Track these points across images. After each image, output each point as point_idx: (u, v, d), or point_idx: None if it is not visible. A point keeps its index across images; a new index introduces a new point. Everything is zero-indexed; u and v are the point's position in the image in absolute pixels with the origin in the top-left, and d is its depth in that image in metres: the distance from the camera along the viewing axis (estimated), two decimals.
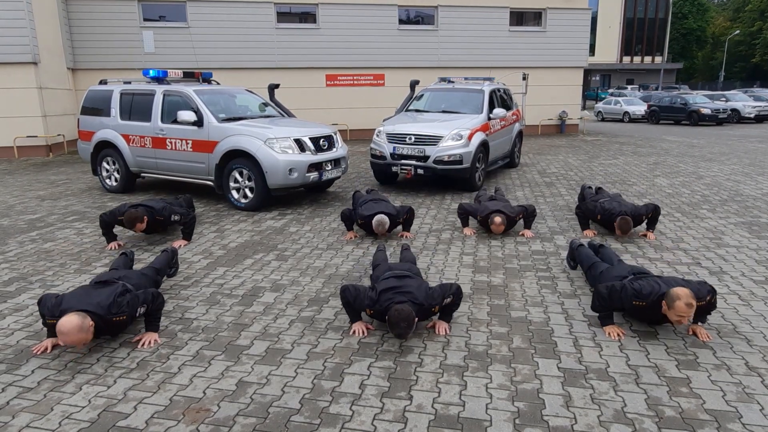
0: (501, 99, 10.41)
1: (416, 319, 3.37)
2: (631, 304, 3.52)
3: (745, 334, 3.59)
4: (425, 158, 8.27)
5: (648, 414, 2.71)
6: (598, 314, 3.72)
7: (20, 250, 5.64)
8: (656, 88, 41.11)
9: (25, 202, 8.04)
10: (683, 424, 2.63)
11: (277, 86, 9.65)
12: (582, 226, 6.16)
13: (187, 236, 5.83)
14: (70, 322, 3.08)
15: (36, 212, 7.34)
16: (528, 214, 6.06)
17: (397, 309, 3.31)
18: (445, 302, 3.60)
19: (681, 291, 3.27)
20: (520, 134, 11.50)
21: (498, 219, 5.74)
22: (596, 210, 5.97)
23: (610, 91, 42.92)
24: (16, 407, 2.81)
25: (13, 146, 13.10)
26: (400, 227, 6.16)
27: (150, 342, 3.50)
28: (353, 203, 6.72)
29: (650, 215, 5.84)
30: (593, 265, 4.36)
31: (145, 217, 5.45)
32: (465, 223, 6.21)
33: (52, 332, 3.45)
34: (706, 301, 3.44)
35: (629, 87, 45.68)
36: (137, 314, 3.46)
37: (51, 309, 3.28)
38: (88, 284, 3.78)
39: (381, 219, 5.66)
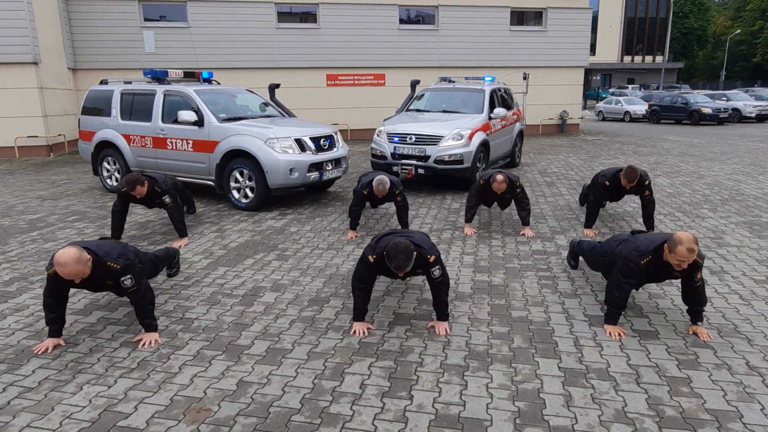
0: (502, 99, 10.40)
1: (415, 252, 3.40)
2: (640, 264, 3.50)
3: (745, 333, 3.59)
4: (426, 158, 8.27)
5: (649, 414, 2.71)
6: (606, 310, 3.68)
7: (21, 250, 5.64)
8: (657, 88, 41.09)
9: (25, 202, 8.04)
10: (684, 423, 2.63)
11: (277, 86, 9.65)
12: (587, 220, 6.05)
13: (180, 231, 5.77)
14: (67, 252, 3.12)
15: (37, 212, 7.34)
16: (523, 195, 6.01)
17: (395, 242, 3.39)
18: (434, 273, 3.58)
19: (684, 235, 3.28)
20: (520, 134, 11.49)
21: (500, 177, 5.72)
22: (599, 179, 5.89)
23: (611, 90, 42.89)
24: (16, 407, 2.81)
25: (14, 146, 13.11)
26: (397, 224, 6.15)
27: (150, 342, 3.50)
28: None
29: (647, 182, 5.74)
30: (594, 248, 4.36)
31: (146, 182, 5.45)
32: (470, 216, 6.13)
33: (52, 332, 3.45)
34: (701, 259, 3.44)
35: (630, 86, 45.61)
36: (124, 279, 3.40)
37: (51, 258, 3.29)
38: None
39: (381, 178, 5.72)
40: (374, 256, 3.57)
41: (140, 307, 3.52)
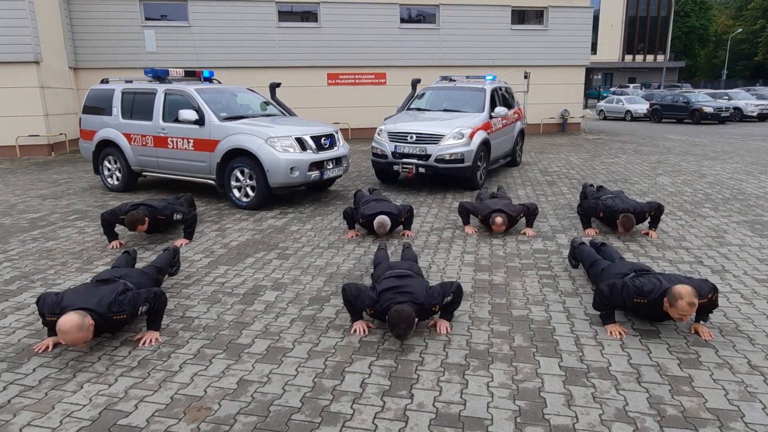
0: (502, 97, 10.39)
1: (416, 319, 3.37)
2: (633, 302, 3.52)
3: (747, 332, 3.58)
4: (427, 157, 8.26)
5: (650, 413, 2.70)
6: (599, 313, 3.71)
7: (22, 248, 5.64)
8: (658, 87, 41.04)
9: (27, 201, 8.05)
10: (685, 423, 2.62)
11: (278, 85, 9.65)
12: (584, 224, 6.14)
13: (189, 235, 5.83)
14: (70, 321, 3.08)
15: (38, 211, 7.35)
16: (529, 213, 6.05)
17: (397, 309, 3.30)
18: (445, 301, 3.59)
19: (683, 289, 3.26)
20: (521, 133, 11.49)
21: (499, 219, 5.72)
22: (598, 207, 5.95)
23: (612, 89, 42.88)
24: (17, 405, 2.81)
25: (16, 145, 13.12)
26: (401, 226, 6.15)
27: (151, 340, 3.50)
28: (355, 202, 6.72)
29: (653, 213, 5.82)
30: (594, 262, 4.36)
31: (147, 218, 5.44)
32: (466, 222, 6.20)
33: (52, 331, 3.45)
34: (707, 299, 3.43)
35: (631, 85, 45.57)
36: (139, 313, 3.46)
37: (51, 307, 3.28)
38: (89, 282, 3.78)
39: (382, 220, 5.66)
40: (372, 311, 3.57)
41: (156, 312, 3.58)
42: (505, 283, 4.56)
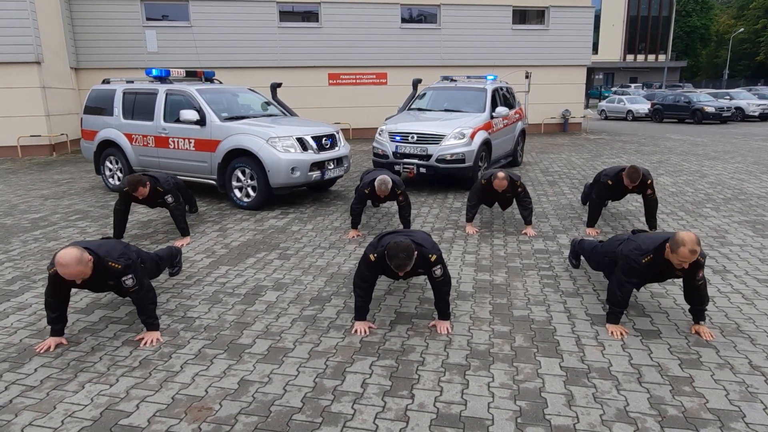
0: (503, 97, 10.39)
1: (416, 252, 3.39)
2: (642, 264, 3.48)
3: (748, 332, 3.58)
4: (428, 157, 8.27)
5: (650, 413, 2.70)
6: (608, 310, 3.66)
7: (24, 249, 5.66)
8: (660, 87, 40.98)
9: (28, 201, 8.06)
10: (686, 423, 2.62)
11: (279, 85, 9.66)
12: (590, 219, 6.04)
13: (182, 230, 5.79)
14: (69, 253, 3.12)
15: (39, 211, 7.36)
16: (525, 193, 6.00)
17: (396, 241, 3.39)
18: (435, 272, 3.57)
19: (687, 236, 3.25)
20: (522, 133, 11.48)
21: (501, 174, 5.73)
22: (601, 178, 5.88)
23: (614, 89, 42.82)
24: (18, 405, 2.82)
25: (17, 145, 13.14)
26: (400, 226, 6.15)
27: (152, 341, 3.50)
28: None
29: (650, 182, 5.73)
30: (594, 247, 4.35)
31: (148, 182, 5.45)
32: (473, 215, 6.12)
33: (54, 331, 3.46)
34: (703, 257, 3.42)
35: (633, 85, 45.51)
36: (125, 279, 3.39)
37: (52, 258, 3.29)
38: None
39: (383, 177, 5.68)
40: (375, 255, 3.56)
41: (142, 307, 3.52)
42: (506, 283, 4.56)
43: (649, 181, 5.69)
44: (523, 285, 4.51)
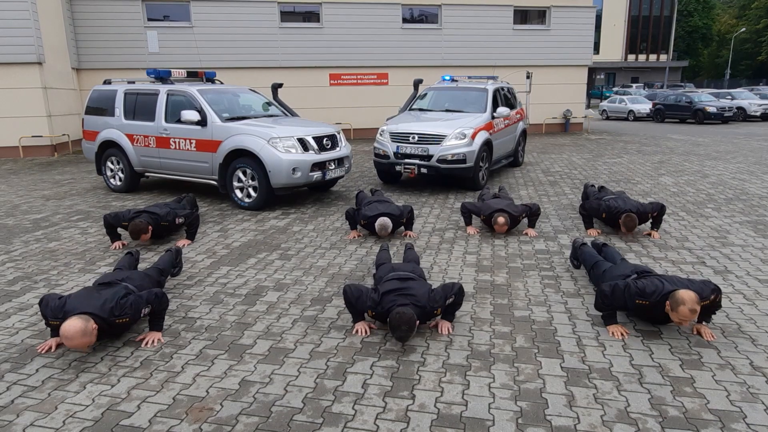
0: (505, 98, 10.38)
1: (417, 322, 3.38)
2: (635, 303, 3.51)
3: (749, 333, 3.58)
4: (428, 157, 8.27)
5: (651, 414, 2.70)
6: (601, 313, 3.71)
7: (25, 249, 5.66)
8: (661, 87, 40.90)
9: (30, 201, 8.07)
10: (687, 424, 2.62)
11: (280, 85, 9.67)
12: (586, 225, 6.14)
13: (191, 236, 5.85)
14: (73, 326, 3.09)
15: (41, 212, 7.37)
16: (532, 213, 6.05)
17: (399, 312, 3.30)
18: (447, 302, 3.59)
19: (686, 295, 3.25)
20: (523, 133, 11.47)
21: (501, 219, 5.73)
22: (600, 208, 5.95)
23: (615, 89, 42.77)
24: (20, 406, 2.82)
25: (19, 146, 13.16)
26: (402, 227, 6.15)
27: (153, 341, 3.51)
28: (357, 203, 6.72)
29: (656, 214, 5.81)
30: (596, 264, 4.35)
31: (150, 227, 5.47)
32: (468, 222, 6.20)
33: (55, 332, 3.46)
34: (710, 300, 3.43)
35: (634, 85, 45.45)
36: (142, 315, 3.47)
37: (54, 311, 3.29)
38: (91, 286, 3.79)
39: (384, 222, 5.66)
40: (374, 313, 3.57)
41: (158, 312, 3.59)
42: (506, 283, 4.56)
43: (655, 214, 5.88)
44: (524, 285, 4.51)
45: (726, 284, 4.45)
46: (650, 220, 5.92)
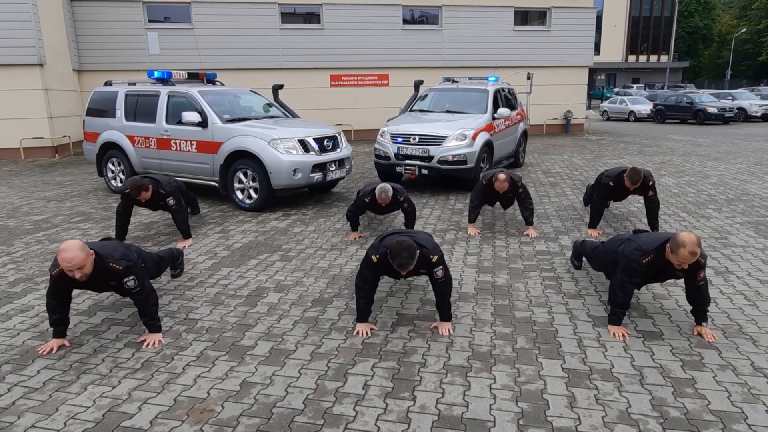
0: (505, 98, 10.39)
1: (418, 252, 3.40)
2: (642, 264, 3.48)
3: (750, 334, 3.57)
4: (429, 158, 8.27)
5: (653, 415, 2.70)
6: (619, 311, 3.62)
7: (26, 251, 5.67)
8: (662, 87, 40.87)
9: (31, 203, 8.08)
10: (688, 424, 2.62)
11: (281, 87, 9.67)
12: (592, 221, 6.04)
13: (184, 232, 5.79)
14: (71, 242, 3.18)
15: (42, 213, 7.38)
16: (526, 194, 6.00)
17: (398, 240, 3.39)
18: (436, 273, 3.57)
19: (687, 237, 3.24)
20: (524, 134, 11.47)
21: (502, 175, 5.74)
22: (602, 180, 5.87)
23: (616, 90, 42.77)
24: (21, 407, 2.83)
25: (20, 147, 13.18)
26: (403, 227, 6.15)
27: (154, 342, 3.51)
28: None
29: (651, 183, 5.72)
30: (596, 248, 4.35)
31: (150, 186, 5.46)
32: (475, 216, 6.12)
33: (57, 333, 3.47)
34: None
35: (635, 86, 45.45)
36: (126, 281, 3.40)
37: (54, 259, 3.31)
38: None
39: (384, 186, 5.66)
40: (377, 256, 3.57)
41: (144, 309, 3.53)
42: (507, 284, 4.56)
43: (651, 183, 5.68)
44: (524, 286, 4.50)
45: (727, 285, 4.45)
46: (647, 221, 5.91)
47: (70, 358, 3.35)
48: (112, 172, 8.78)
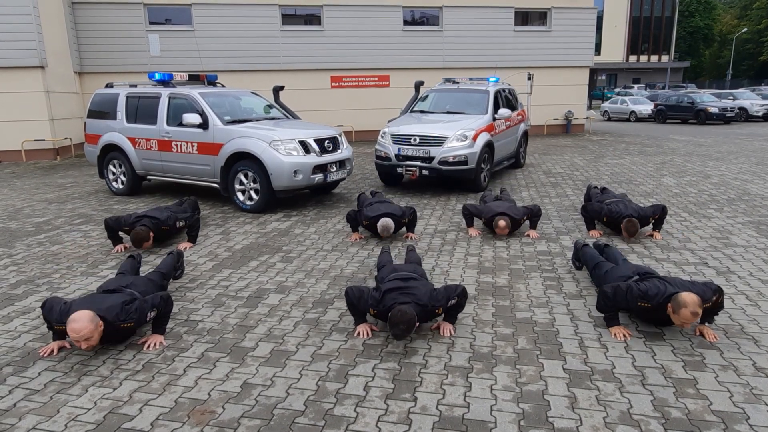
0: (506, 99, 10.38)
1: (417, 322, 3.38)
2: (637, 305, 3.51)
3: (752, 334, 3.56)
4: (430, 159, 8.27)
5: (654, 415, 2.69)
6: (603, 315, 3.70)
7: (27, 252, 5.68)
8: (663, 87, 40.85)
9: (32, 205, 8.10)
10: (690, 425, 2.61)
11: (281, 88, 9.68)
12: (588, 226, 6.13)
13: (192, 239, 5.86)
14: (81, 313, 3.15)
15: (43, 215, 7.39)
16: (533, 215, 6.04)
17: (399, 309, 3.31)
18: (449, 304, 3.59)
19: (689, 298, 3.24)
20: (525, 134, 11.47)
21: (502, 222, 5.73)
22: (602, 212, 5.94)
23: (617, 90, 42.74)
24: (22, 409, 2.83)
25: (21, 150, 13.21)
26: (404, 229, 6.15)
27: (155, 344, 3.51)
28: (358, 205, 6.72)
29: (657, 217, 5.81)
30: (598, 264, 4.35)
31: (151, 233, 5.48)
32: (470, 224, 6.20)
33: (58, 335, 3.47)
34: (712, 302, 3.42)
35: (636, 86, 45.43)
36: (147, 319, 3.48)
37: (59, 315, 3.29)
38: (95, 292, 3.80)
39: (386, 223, 5.65)
40: (375, 311, 3.57)
41: (163, 316, 3.61)
42: (508, 285, 4.55)
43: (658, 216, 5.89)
44: (525, 287, 4.50)
45: (728, 285, 4.44)
46: (652, 222, 5.91)
47: (71, 359, 3.35)
48: (113, 173, 8.79)
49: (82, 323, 3.11)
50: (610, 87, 50.12)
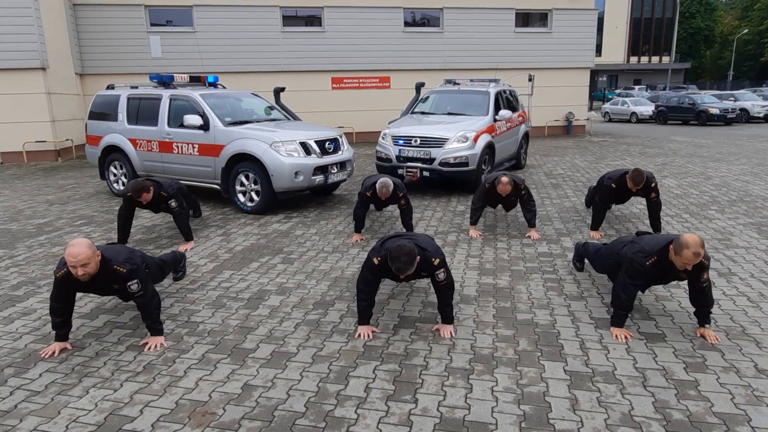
0: (507, 100, 10.38)
1: (418, 258, 3.40)
2: (647, 266, 3.47)
3: (754, 336, 3.56)
4: (431, 160, 8.27)
5: (655, 417, 2.69)
6: (622, 313, 3.60)
7: (29, 254, 5.68)
8: (664, 88, 40.85)
9: (33, 206, 8.10)
10: (691, 427, 2.61)
11: (282, 89, 9.69)
12: (594, 223, 6.02)
13: (186, 235, 5.80)
14: (81, 239, 3.22)
15: (45, 216, 7.40)
16: (528, 197, 5.98)
17: (399, 245, 3.40)
18: (437, 276, 3.57)
19: (691, 239, 3.24)
20: (526, 136, 11.47)
21: (505, 179, 5.73)
22: (604, 181, 5.84)
23: (617, 91, 42.71)
24: (23, 410, 2.83)
25: (23, 151, 13.22)
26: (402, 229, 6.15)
27: (156, 345, 3.51)
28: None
29: (654, 185, 5.69)
30: (599, 250, 4.34)
31: (152, 188, 5.47)
32: (477, 218, 6.13)
33: (59, 336, 3.47)
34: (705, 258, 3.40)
35: (636, 87, 45.42)
36: (130, 284, 3.42)
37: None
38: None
39: (384, 180, 5.70)
40: (379, 259, 3.57)
41: (146, 312, 3.53)
42: (509, 286, 4.55)
43: (653, 184, 5.66)
44: (526, 288, 4.50)
45: (730, 286, 4.43)
46: (650, 223, 5.90)
47: (72, 361, 3.35)
48: (115, 175, 8.79)
49: (80, 248, 3.16)
50: (610, 88, 50.12)
